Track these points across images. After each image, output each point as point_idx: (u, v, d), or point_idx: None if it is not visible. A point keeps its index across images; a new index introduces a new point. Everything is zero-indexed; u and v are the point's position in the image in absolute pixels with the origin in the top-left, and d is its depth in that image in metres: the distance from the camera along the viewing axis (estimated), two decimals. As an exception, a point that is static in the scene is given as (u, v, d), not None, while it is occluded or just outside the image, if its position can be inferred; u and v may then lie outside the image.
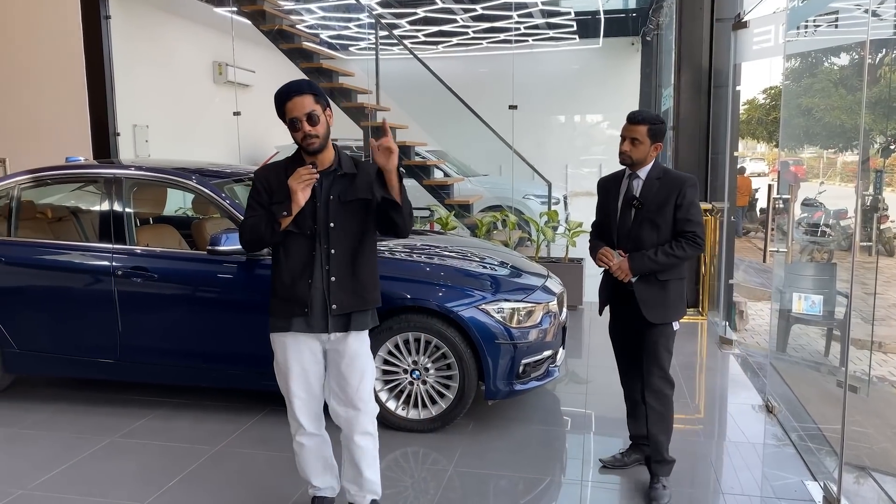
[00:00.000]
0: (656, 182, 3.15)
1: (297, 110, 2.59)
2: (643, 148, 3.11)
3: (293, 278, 2.71)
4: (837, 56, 18.07)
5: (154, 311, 4.20)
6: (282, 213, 2.61)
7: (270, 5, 9.09)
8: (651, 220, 3.14)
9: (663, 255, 3.11)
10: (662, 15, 10.96)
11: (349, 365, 2.78)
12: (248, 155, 10.50)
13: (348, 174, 2.74)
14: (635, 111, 3.18)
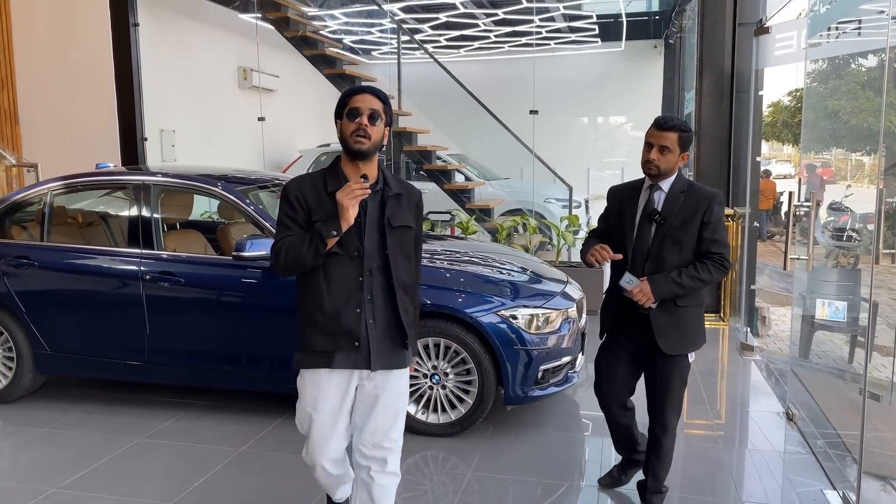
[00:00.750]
0: (680, 196, 2.84)
1: (363, 103, 2.36)
2: (671, 157, 2.80)
3: (337, 307, 2.39)
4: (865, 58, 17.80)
5: (181, 314, 4.30)
6: (331, 233, 2.29)
7: (294, 12, 9.21)
8: (674, 238, 2.82)
9: (688, 278, 2.79)
10: (685, 18, 10.90)
11: (387, 405, 2.49)
12: (271, 159, 10.64)
13: (396, 194, 2.47)
14: (664, 116, 2.87)
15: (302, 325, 2.46)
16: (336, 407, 2.48)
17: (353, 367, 2.43)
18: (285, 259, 2.36)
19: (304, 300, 2.47)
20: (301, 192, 2.40)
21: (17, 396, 4.63)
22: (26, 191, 4.79)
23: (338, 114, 2.41)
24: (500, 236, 7.48)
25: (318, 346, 2.42)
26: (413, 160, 9.10)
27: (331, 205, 2.32)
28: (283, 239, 2.38)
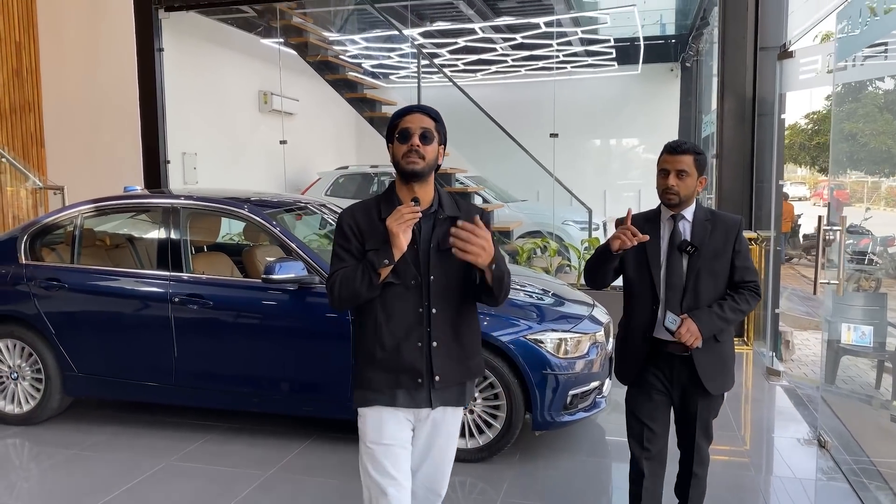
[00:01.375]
0: (707, 224, 2.67)
1: (413, 122, 2.24)
2: (690, 182, 2.62)
3: (398, 341, 2.24)
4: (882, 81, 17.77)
5: (209, 337, 4.32)
6: (383, 262, 2.14)
7: (315, 37, 9.34)
8: (709, 270, 2.65)
9: (731, 311, 2.63)
10: (702, 42, 10.96)
11: (444, 446, 2.38)
12: (290, 181, 10.73)
13: (450, 217, 2.29)
14: (676, 140, 2.71)
15: (360, 362, 2.31)
16: (401, 444, 2.30)
17: (416, 405, 2.28)
18: (340, 292, 2.20)
19: (361, 335, 2.31)
20: (354, 221, 2.27)
21: (44, 418, 4.66)
22: (57, 213, 4.85)
23: (388, 137, 2.30)
24: (520, 258, 7.48)
25: (377, 384, 2.26)
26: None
27: (384, 232, 2.17)
28: (336, 271, 2.23)
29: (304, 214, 5.26)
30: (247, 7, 8.78)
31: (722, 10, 6.49)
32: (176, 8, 8.14)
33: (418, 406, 2.28)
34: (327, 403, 4.20)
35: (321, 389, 4.20)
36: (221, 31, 9.87)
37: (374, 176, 11.23)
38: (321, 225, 5.56)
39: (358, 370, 2.31)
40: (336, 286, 2.21)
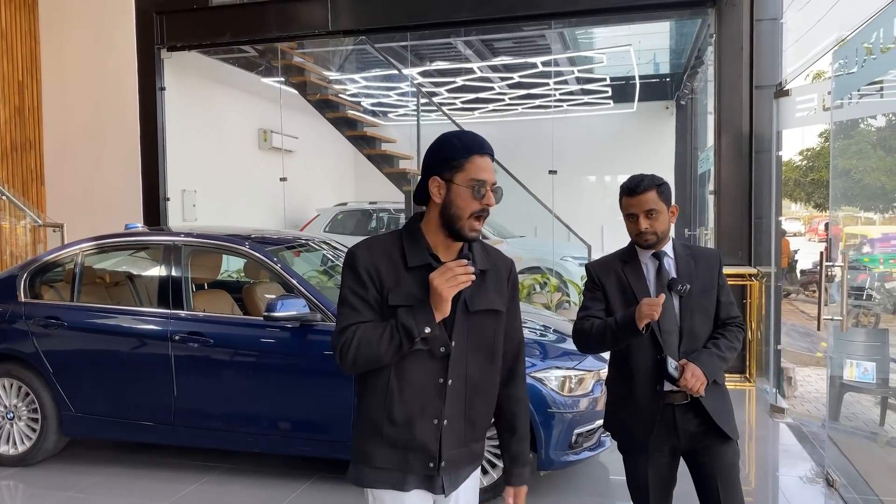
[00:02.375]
0: (689, 259, 2.50)
1: (488, 174, 1.84)
2: (663, 218, 2.42)
3: (410, 417, 1.87)
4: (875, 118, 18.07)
5: (209, 375, 4.28)
6: (423, 330, 1.77)
7: (316, 76, 9.47)
8: (702, 308, 2.46)
9: (728, 349, 2.45)
10: (697, 80, 11.13)
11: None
12: (289, 218, 10.76)
13: (482, 271, 1.91)
14: (631, 179, 2.47)
15: (362, 433, 1.93)
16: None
17: (429, 490, 1.92)
18: (356, 356, 1.80)
19: (366, 401, 1.92)
20: (373, 264, 1.85)
21: (40, 459, 4.57)
22: (57, 251, 4.84)
23: (446, 169, 1.83)
24: (520, 295, 7.45)
25: (380, 462, 1.90)
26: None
27: (413, 286, 1.83)
28: (351, 327, 1.82)
29: (304, 251, 5.26)
30: (248, 47, 8.91)
31: (717, 49, 6.61)
32: (178, 48, 8.26)
33: (433, 492, 1.92)
34: (329, 443, 4.14)
35: (322, 429, 4.14)
36: (223, 70, 9.99)
37: (372, 212, 11.28)
38: (322, 261, 5.55)
39: (359, 442, 1.94)
40: (352, 348, 1.80)
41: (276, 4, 7.89)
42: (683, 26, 9.63)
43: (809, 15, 6.53)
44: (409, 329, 1.77)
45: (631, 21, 8.88)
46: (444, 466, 1.89)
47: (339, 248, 5.56)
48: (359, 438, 1.94)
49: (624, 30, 9.90)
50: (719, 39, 6.55)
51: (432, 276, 1.77)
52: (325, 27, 7.67)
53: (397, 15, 7.51)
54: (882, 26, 3.60)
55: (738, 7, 6.41)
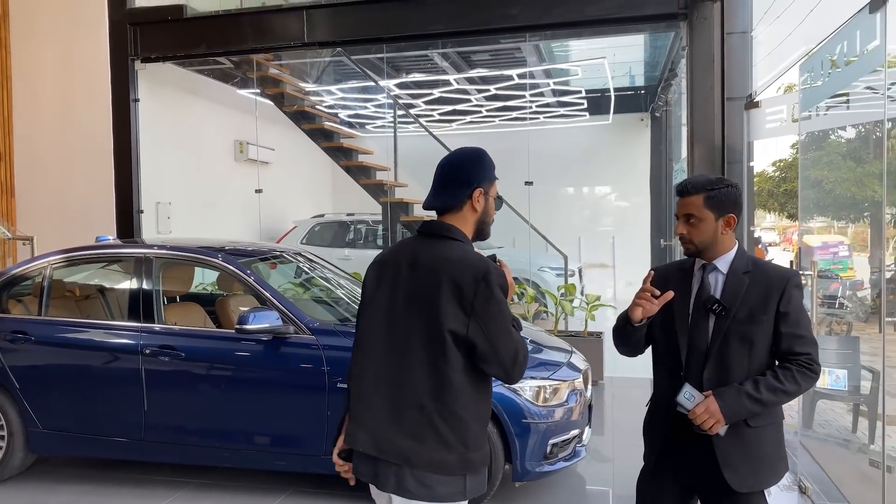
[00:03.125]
0: (744, 277, 2.19)
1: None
2: (705, 227, 2.19)
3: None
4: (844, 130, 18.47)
5: (180, 389, 4.22)
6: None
7: (292, 87, 9.44)
8: (741, 335, 2.15)
9: (768, 390, 2.08)
10: (671, 92, 11.28)
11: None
12: (266, 230, 10.68)
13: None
14: (685, 178, 2.29)
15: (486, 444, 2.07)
16: None
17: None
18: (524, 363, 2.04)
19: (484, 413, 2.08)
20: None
21: (6, 477, 4.47)
22: (25, 264, 4.76)
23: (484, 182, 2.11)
24: (497, 306, 7.45)
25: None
26: (410, 230, 9.17)
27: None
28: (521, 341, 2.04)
29: (279, 263, 5.22)
30: (224, 58, 8.86)
31: (689, 62, 6.69)
32: (152, 59, 8.19)
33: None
34: (302, 457, 4.09)
35: (296, 443, 4.10)
36: (198, 81, 9.93)
37: (350, 224, 11.23)
38: (297, 273, 5.51)
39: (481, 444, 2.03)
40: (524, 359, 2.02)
41: (251, 16, 7.86)
42: (657, 39, 9.76)
43: (780, 28, 6.65)
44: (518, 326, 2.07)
45: (605, 34, 8.97)
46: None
47: (314, 261, 5.52)
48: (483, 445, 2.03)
49: (598, 43, 10.00)
50: (691, 52, 6.63)
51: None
52: (300, 39, 7.65)
53: (373, 27, 7.52)
54: (846, 39, 3.68)
55: (710, 20, 6.50)
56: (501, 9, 7.01)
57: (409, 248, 2.11)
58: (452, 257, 2.00)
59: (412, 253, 2.07)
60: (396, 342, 2.02)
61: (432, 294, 1.96)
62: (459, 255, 2.01)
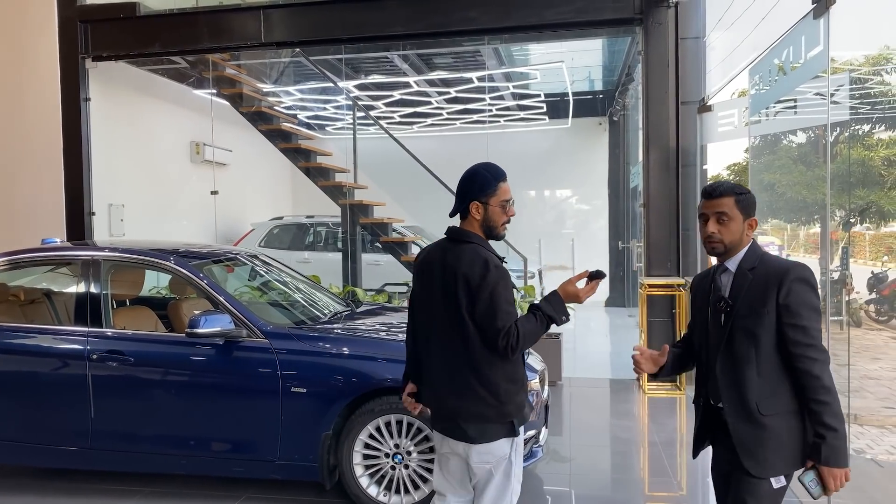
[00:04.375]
0: (748, 274, 2.29)
1: (509, 193, 2.63)
2: (735, 226, 2.30)
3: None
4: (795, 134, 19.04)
5: (129, 396, 4.11)
6: (562, 319, 2.57)
7: (249, 88, 9.32)
8: (745, 329, 2.27)
9: (832, 414, 2.16)
10: (628, 97, 11.45)
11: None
12: (223, 232, 10.52)
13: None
14: (713, 183, 2.41)
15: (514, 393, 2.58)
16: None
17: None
18: (524, 344, 2.51)
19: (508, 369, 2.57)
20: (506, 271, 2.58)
21: (-56, 489, 4.30)
22: (-34, 268, 4.58)
23: (483, 195, 2.57)
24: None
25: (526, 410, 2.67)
26: (369, 232, 9.12)
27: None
28: (516, 323, 2.49)
29: (233, 265, 5.13)
30: (179, 58, 8.70)
31: (645, 66, 6.80)
32: (104, 58, 8.00)
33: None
34: (256, 463, 4.02)
35: (249, 448, 4.02)
36: (152, 81, 9.73)
37: (309, 226, 11.13)
38: (252, 276, 5.43)
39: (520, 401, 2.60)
40: (520, 341, 2.47)
41: (207, 15, 7.74)
42: (614, 44, 9.90)
43: (732, 34, 6.80)
44: (554, 319, 2.53)
45: (563, 38, 9.07)
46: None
47: (271, 264, 5.44)
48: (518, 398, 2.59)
49: (557, 47, 10.11)
50: (647, 57, 6.74)
51: (578, 289, 2.55)
52: (258, 39, 7.57)
53: (332, 28, 7.47)
54: (791, 45, 3.77)
55: (665, 26, 6.63)
56: (461, 11, 7.04)
57: (440, 248, 2.68)
58: (464, 257, 2.54)
59: (442, 253, 2.64)
60: (438, 325, 2.62)
61: (454, 287, 2.53)
62: (469, 255, 2.54)
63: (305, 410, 3.89)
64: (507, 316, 2.47)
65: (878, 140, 20.76)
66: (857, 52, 17.31)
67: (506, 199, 2.60)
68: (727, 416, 2.30)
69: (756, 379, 2.26)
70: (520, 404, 2.60)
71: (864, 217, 20.96)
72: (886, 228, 26.05)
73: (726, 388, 2.31)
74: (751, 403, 2.26)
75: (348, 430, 3.89)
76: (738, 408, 2.28)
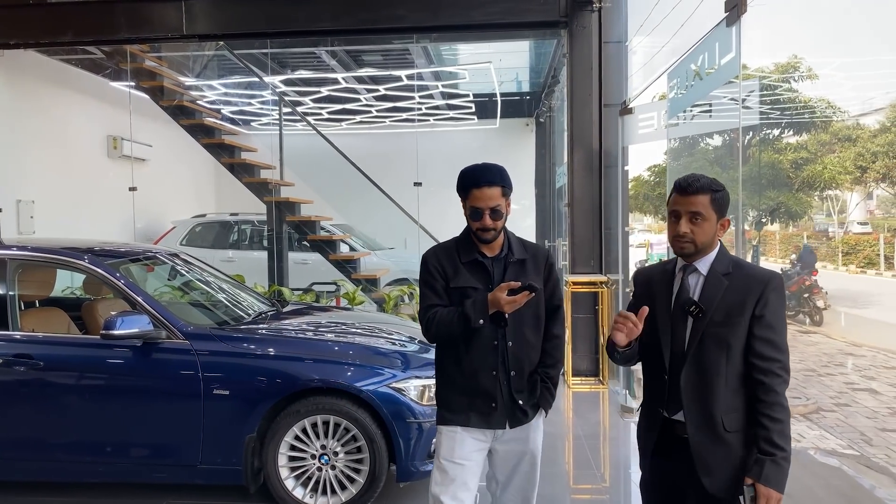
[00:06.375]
0: (724, 280, 2.14)
1: (482, 202, 2.51)
2: (708, 226, 2.14)
3: (475, 369, 2.57)
4: (711, 137, 19.93)
5: (39, 401, 3.90)
6: (479, 322, 2.46)
7: (171, 81, 9.01)
8: (717, 338, 2.11)
9: (779, 435, 2.03)
10: (554, 99, 11.67)
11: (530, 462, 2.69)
12: (143, 230, 10.14)
13: (519, 260, 2.63)
14: (689, 176, 2.20)
15: (443, 385, 2.66)
16: (470, 461, 2.59)
17: (490, 426, 2.57)
18: (437, 331, 2.55)
19: (445, 361, 2.65)
20: (439, 263, 2.61)
21: None
22: None
23: (461, 197, 2.59)
24: (387, 306, 7.44)
25: (455, 405, 2.59)
26: (296, 230, 8.97)
27: (467, 274, 2.58)
28: (431, 308, 2.57)
29: (154, 264, 4.95)
30: (94, 48, 8.33)
31: (569, 69, 6.95)
32: (11, 46, 7.56)
33: (493, 427, 2.57)
34: (178, 468, 3.89)
35: (171, 453, 3.89)
36: (65, 71, 9.28)
37: (234, 224, 10.85)
38: (171, 275, 5.25)
39: (441, 392, 2.66)
40: (433, 325, 2.54)
41: (125, 4, 7.42)
42: (541, 46, 10.08)
43: (653, 39, 7.04)
44: (468, 317, 2.47)
45: (490, 39, 9.16)
46: (507, 404, 2.56)
47: (192, 263, 5.28)
48: (441, 389, 2.66)
49: (485, 48, 10.21)
50: (571, 59, 6.89)
51: (502, 298, 2.40)
52: (179, 31, 7.31)
53: (257, 21, 7.30)
54: (707, 51, 3.93)
55: (588, 29, 6.78)
56: (389, 9, 7.01)
57: None
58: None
59: None
60: None
61: None
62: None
63: (229, 413, 3.80)
64: (425, 298, 2.62)
65: (786, 144, 21.99)
66: (768, 60, 18.10)
67: (473, 207, 2.53)
68: (689, 430, 2.11)
69: (724, 392, 2.10)
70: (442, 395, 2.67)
71: (775, 217, 22.17)
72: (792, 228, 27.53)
73: (691, 401, 2.13)
74: (717, 418, 2.09)
75: (273, 431, 3.81)
76: (701, 422, 2.11)
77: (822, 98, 21.05)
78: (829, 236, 28.45)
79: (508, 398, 2.56)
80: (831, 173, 20.52)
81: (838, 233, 28.90)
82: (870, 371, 8.69)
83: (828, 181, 20.85)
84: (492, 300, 2.44)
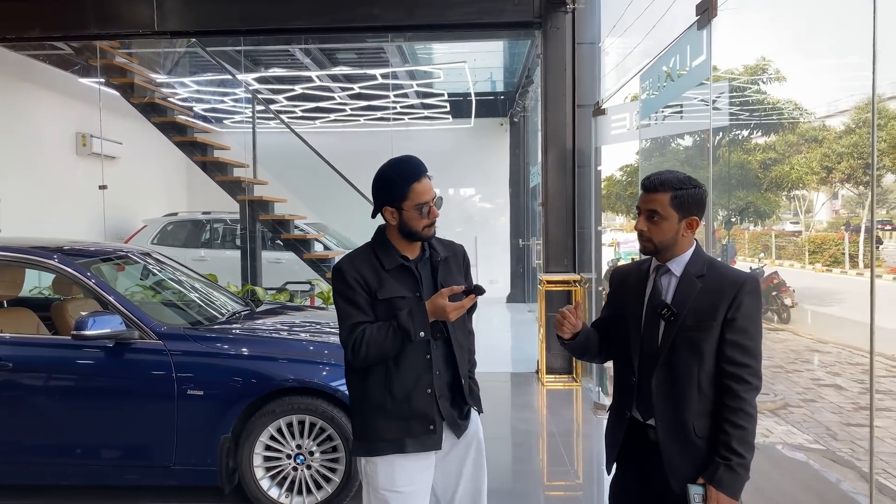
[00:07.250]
0: (697, 282, 2.07)
1: (428, 193, 2.27)
2: (667, 225, 2.07)
3: (408, 390, 2.25)
4: (682, 138, 20.22)
5: (7, 403, 3.84)
6: (419, 334, 2.18)
7: (141, 78, 8.89)
8: (689, 341, 2.04)
9: (741, 442, 1.98)
10: (528, 99, 11.75)
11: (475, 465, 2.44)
12: (113, 229, 9.99)
13: (445, 258, 2.40)
14: (652, 174, 2.13)
15: (367, 412, 2.29)
16: (413, 485, 2.29)
17: (429, 449, 2.29)
18: (368, 353, 2.19)
19: (366, 384, 2.28)
20: (359, 273, 2.26)
21: None
22: None
23: (392, 199, 2.26)
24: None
25: (387, 434, 2.26)
26: (270, 229, 8.91)
27: (394, 283, 2.26)
28: (357, 327, 2.21)
29: (124, 264, 4.89)
30: (62, 44, 8.18)
31: (543, 69, 7.01)
32: (-24, 40, 7.41)
33: (433, 449, 2.29)
34: (152, 469, 3.86)
35: (144, 454, 3.86)
36: (32, 67, 9.11)
37: (206, 223, 10.75)
38: (143, 275, 5.19)
39: (363, 420, 2.29)
40: (363, 347, 2.18)
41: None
42: (515, 46, 10.13)
43: (626, 41, 7.12)
44: (408, 331, 2.18)
45: (465, 38, 9.19)
46: (447, 420, 2.30)
47: (164, 262, 5.23)
48: (362, 416, 2.30)
49: (460, 47, 10.24)
50: (545, 60, 6.94)
51: (447, 306, 2.17)
52: (150, 27, 7.22)
53: (230, 18, 7.24)
54: (678, 53, 3.99)
55: (562, 30, 6.84)
56: (364, 8, 6.99)
57: None
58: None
59: None
60: None
61: None
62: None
63: (203, 413, 3.77)
64: (346, 316, 2.25)
65: (755, 144, 22.38)
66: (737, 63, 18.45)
67: (422, 203, 2.25)
68: (660, 435, 2.06)
69: (696, 397, 2.04)
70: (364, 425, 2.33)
71: (744, 216, 22.56)
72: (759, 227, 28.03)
73: (662, 406, 2.07)
74: (688, 423, 2.04)
75: (248, 432, 3.80)
76: (672, 427, 2.05)
77: (789, 100, 21.46)
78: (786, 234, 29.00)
79: (448, 414, 2.31)
80: (798, 173, 20.93)
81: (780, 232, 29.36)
82: (835, 367, 8.88)
83: (795, 181, 21.27)
84: (433, 308, 2.19)
